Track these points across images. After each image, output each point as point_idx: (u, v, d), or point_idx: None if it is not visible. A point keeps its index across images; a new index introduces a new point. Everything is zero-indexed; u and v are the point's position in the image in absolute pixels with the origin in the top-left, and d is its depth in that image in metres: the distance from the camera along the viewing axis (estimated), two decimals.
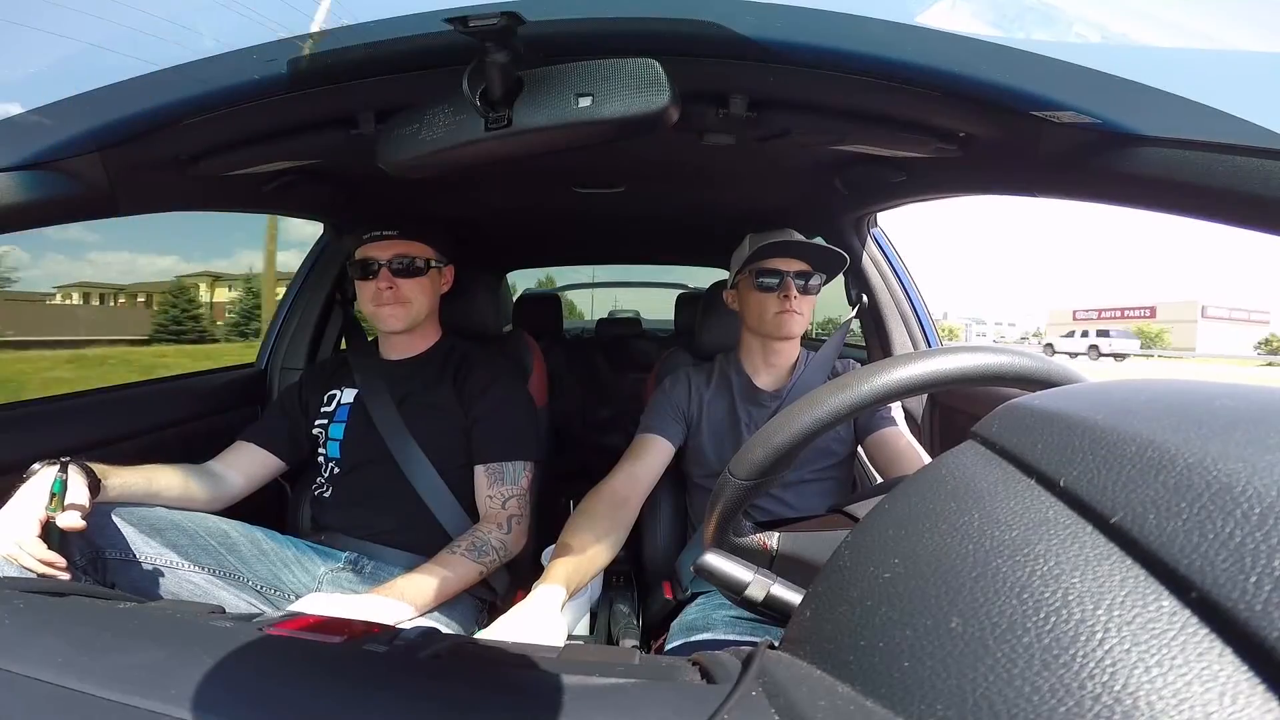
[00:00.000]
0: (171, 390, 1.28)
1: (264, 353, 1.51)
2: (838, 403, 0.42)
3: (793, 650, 0.30)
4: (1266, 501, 0.19)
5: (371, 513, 1.03)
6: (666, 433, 1.05)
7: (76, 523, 0.70)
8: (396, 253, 1.05)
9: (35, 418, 1.01)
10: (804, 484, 1.05)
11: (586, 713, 0.29)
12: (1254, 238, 0.49)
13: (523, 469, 1.03)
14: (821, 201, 1.27)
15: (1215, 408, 0.25)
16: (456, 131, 0.56)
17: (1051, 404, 0.30)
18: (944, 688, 0.21)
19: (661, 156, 1.06)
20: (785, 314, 1.03)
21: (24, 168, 0.70)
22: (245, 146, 0.82)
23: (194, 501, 0.91)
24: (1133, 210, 0.63)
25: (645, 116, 0.52)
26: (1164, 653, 0.18)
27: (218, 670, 0.32)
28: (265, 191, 1.06)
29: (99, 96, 0.67)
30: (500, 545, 0.94)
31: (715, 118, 0.74)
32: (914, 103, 0.69)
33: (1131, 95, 0.57)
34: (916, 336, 1.39)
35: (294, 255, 10.92)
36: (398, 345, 1.13)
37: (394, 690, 0.32)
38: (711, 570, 0.50)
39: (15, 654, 0.33)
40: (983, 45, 0.61)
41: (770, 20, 0.60)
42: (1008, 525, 0.25)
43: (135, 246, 35.03)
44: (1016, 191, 0.78)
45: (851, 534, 0.32)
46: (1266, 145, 0.49)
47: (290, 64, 0.66)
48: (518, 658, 0.37)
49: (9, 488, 0.72)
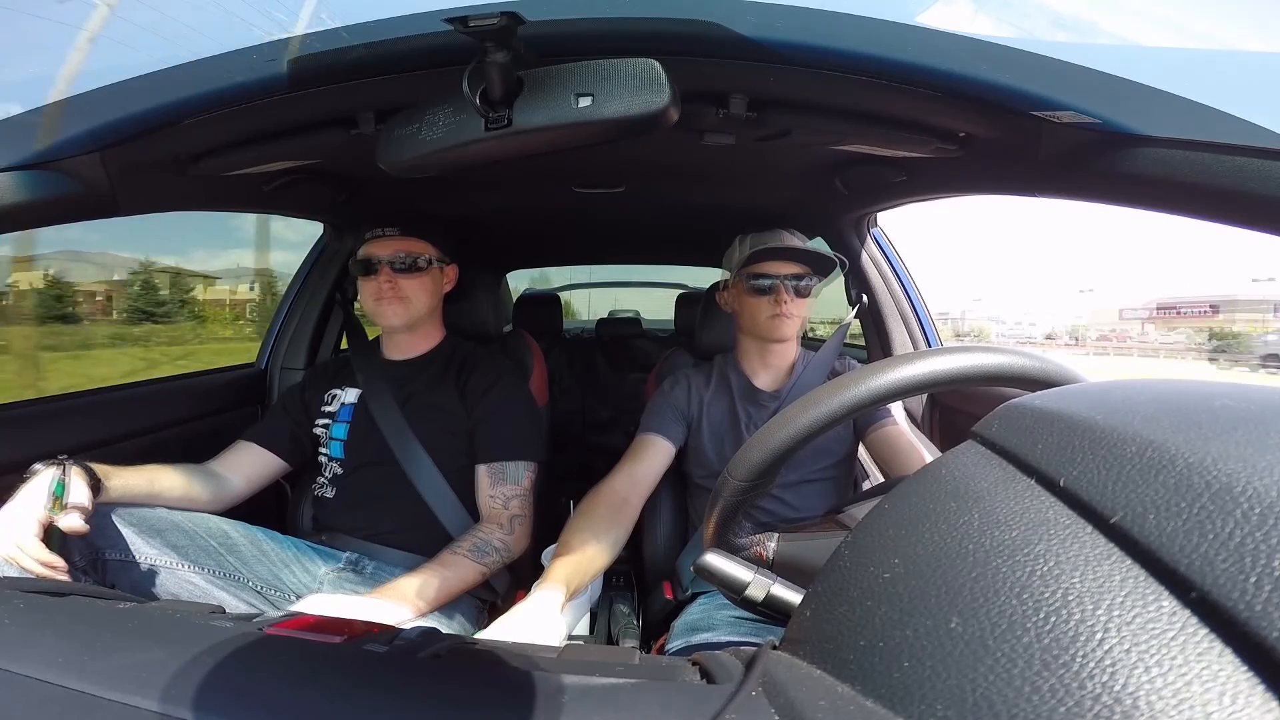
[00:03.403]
0: (171, 390, 1.28)
1: (264, 353, 1.51)
2: (836, 403, 0.42)
3: (793, 650, 0.31)
4: (1266, 501, 0.19)
5: (373, 513, 1.03)
6: (667, 433, 1.05)
7: (77, 524, 0.70)
8: (398, 250, 1.05)
9: (35, 418, 1.01)
10: (804, 484, 1.05)
11: (586, 713, 0.29)
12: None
13: (525, 469, 1.03)
14: (821, 201, 1.27)
15: (1215, 408, 0.25)
16: (456, 131, 0.56)
17: (1051, 404, 0.30)
18: (944, 688, 0.21)
19: (661, 156, 1.06)
20: (778, 317, 1.03)
21: (24, 168, 0.70)
22: (245, 146, 0.82)
23: (195, 502, 0.91)
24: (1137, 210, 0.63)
25: (645, 116, 0.51)
26: (1164, 653, 0.18)
27: (218, 670, 0.32)
28: (265, 191, 1.06)
29: (99, 96, 0.68)
30: (502, 545, 0.94)
31: (715, 118, 0.74)
32: (914, 103, 0.69)
33: (1131, 95, 0.57)
34: (916, 336, 1.39)
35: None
36: (400, 345, 1.13)
37: (394, 690, 0.32)
38: (712, 570, 0.50)
39: (15, 654, 0.33)
40: (983, 45, 0.61)
41: (770, 20, 0.60)
42: (1008, 525, 0.25)
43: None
44: (1017, 191, 0.78)
45: (851, 534, 0.32)
46: (1266, 145, 0.49)
47: (290, 64, 0.66)
48: (518, 658, 0.37)
49: (9, 488, 0.72)
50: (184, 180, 0.88)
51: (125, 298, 16.00)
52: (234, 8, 1.02)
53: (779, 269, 1.03)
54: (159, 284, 16.47)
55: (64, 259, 15.80)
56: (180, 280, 17.56)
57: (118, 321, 15.36)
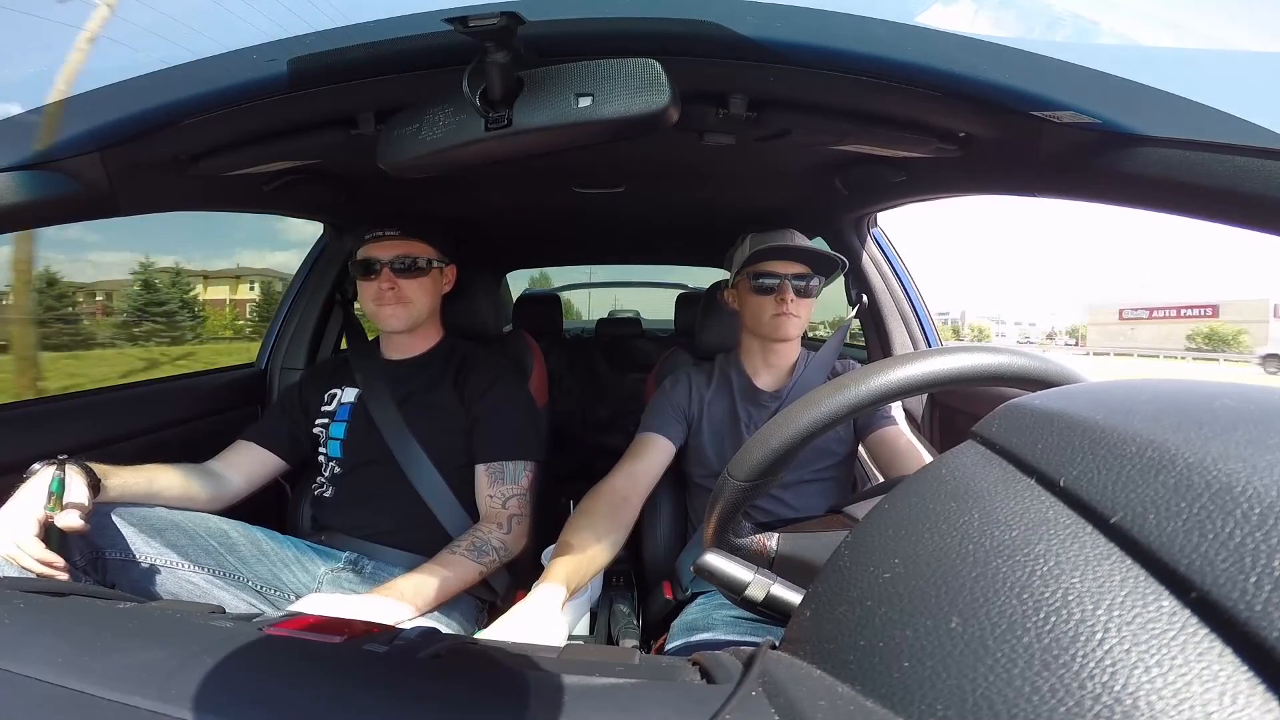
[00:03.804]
0: (171, 390, 1.28)
1: (264, 353, 1.51)
2: (836, 404, 0.42)
3: (793, 650, 0.30)
4: (1266, 501, 0.19)
5: (372, 513, 1.03)
6: (667, 432, 1.05)
7: (76, 523, 0.70)
8: (398, 252, 1.05)
9: (35, 418, 1.01)
10: (804, 484, 1.05)
11: (586, 713, 0.29)
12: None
13: (523, 469, 1.03)
14: (821, 201, 1.27)
15: (1215, 408, 0.25)
16: (456, 131, 0.56)
17: (1051, 404, 0.30)
18: (944, 688, 0.21)
19: (661, 156, 1.06)
20: (782, 317, 1.03)
21: (24, 168, 0.70)
22: (245, 146, 0.82)
23: (194, 501, 0.91)
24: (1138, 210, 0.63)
25: (645, 117, 0.51)
26: (1164, 653, 0.18)
27: (218, 670, 0.32)
28: (265, 191, 1.06)
29: (99, 96, 0.67)
30: (501, 545, 0.94)
31: (715, 118, 0.74)
32: (914, 103, 0.69)
33: (1131, 95, 0.57)
34: (916, 336, 1.39)
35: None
36: (399, 345, 1.13)
37: (394, 690, 0.32)
38: (711, 570, 0.50)
39: (15, 654, 0.33)
40: (983, 45, 0.61)
41: (770, 20, 0.60)
42: (1008, 525, 0.25)
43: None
44: (1016, 191, 0.78)
45: (851, 534, 0.32)
46: (1266, 145, 0.49)
47: (290, 64, 0.66)
48: (518, 658, 0.37)
49: (9, 488, 0.72)
50: (184, 180, 0.88)
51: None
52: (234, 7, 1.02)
53: (784, 268, 1.03)
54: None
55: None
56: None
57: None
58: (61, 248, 18.14)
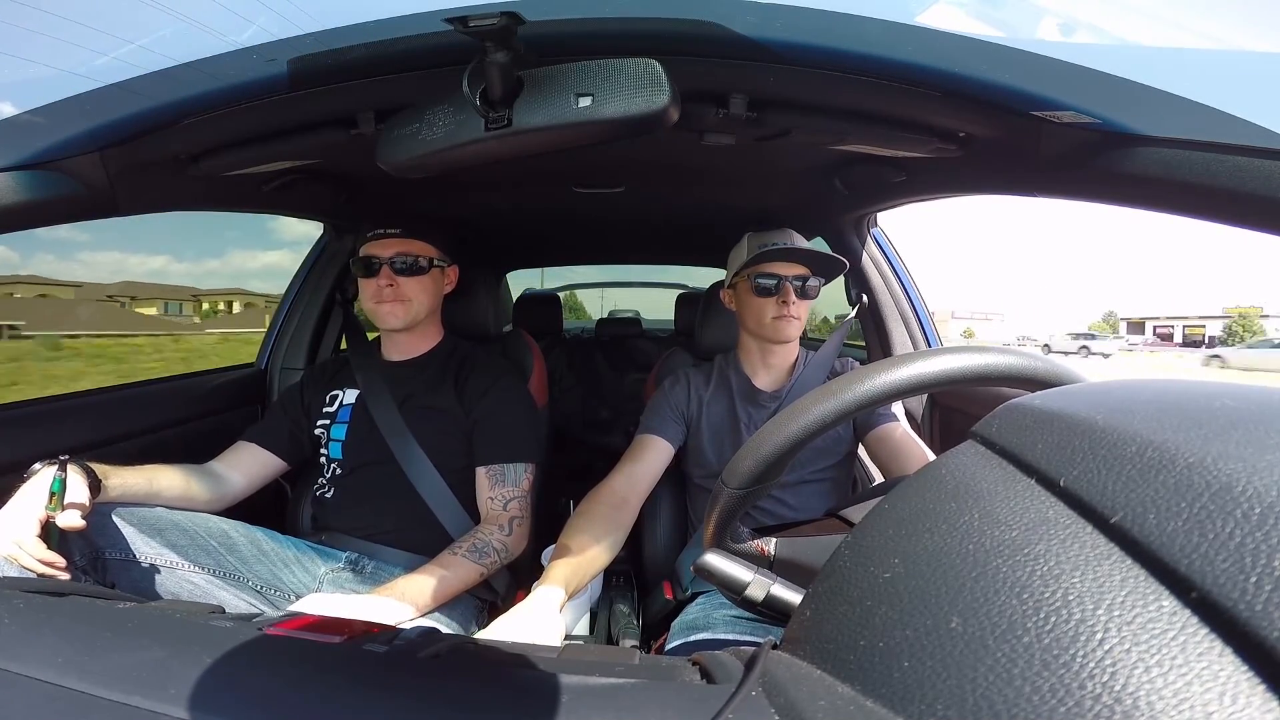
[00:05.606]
0: (171, 390, 1.28)
1: (264, 353, 1.51)
2: (836, 405, 0.42)
3: (793, 650, 0.30)
4: (1266, 501, 0.19)
5: (373, 513, 1.03)
6: (666, 433, 1.05)
7: (76, 522, 0.70)
8: (399, 251, 1.05)
9: (35, 418, 1.01)
10: (804, 484, 1.05)
11: (586, 713, 0.29)
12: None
13: (524, 470, 1.03)
14: (821, 201, 1.27)
15: (1215, 408, 0.25)
16: (456, 131, 0.56)
17: (1051, 404, 0.30)
18: (944, 688, 0.21)
19: (661, 156, 1.06)
20: (782, 318, 1.03)
21: (24, 168, 0.70)
22: (245, 146, 0.82)
23: (195, 502, 0.91)
24: (1139, 211, 0.63)
25: (645, 116, 0.51)
26: (1164, 653, 0.18)
27: (218, 670, 0.32)
28: (265, 191, 1.06)
29: (99, 96, 0.67)
30: (501, 546, 0.94)
31: (715, 118, 0.74)
32: (914, 103, 0.69)
33: (1131, 95, 0.57)
34: (916, 336, 1.39)
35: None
36: (399, 346, 1.13)
37: (394, 690, 0.32)
38: (711, 570, 0.50)
39: (15, 654, 0.33)
40: (983, 45, 0.61)
41: (770, 20, 0.60)
42: (1007, 525, 0.25)
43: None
44: (1016, 191, 0.78)
45: (851, 534, 0.32)
46: (1266, 145, 0.49)
47: (290, 64, 0.66)
48: (518, 658, 0.37)
49: (9, 488, 0.72)
50: (184, 180, 0.88)
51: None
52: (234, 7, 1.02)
53: (784, 270, 1.03)
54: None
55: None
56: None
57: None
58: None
